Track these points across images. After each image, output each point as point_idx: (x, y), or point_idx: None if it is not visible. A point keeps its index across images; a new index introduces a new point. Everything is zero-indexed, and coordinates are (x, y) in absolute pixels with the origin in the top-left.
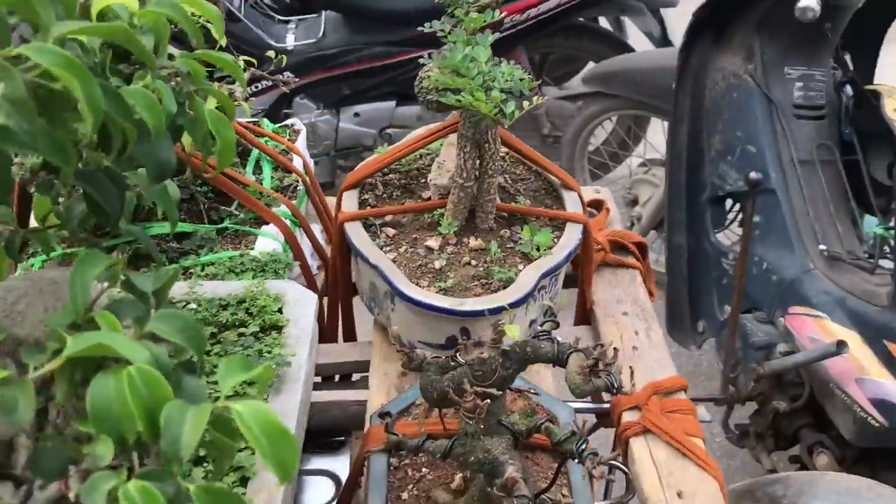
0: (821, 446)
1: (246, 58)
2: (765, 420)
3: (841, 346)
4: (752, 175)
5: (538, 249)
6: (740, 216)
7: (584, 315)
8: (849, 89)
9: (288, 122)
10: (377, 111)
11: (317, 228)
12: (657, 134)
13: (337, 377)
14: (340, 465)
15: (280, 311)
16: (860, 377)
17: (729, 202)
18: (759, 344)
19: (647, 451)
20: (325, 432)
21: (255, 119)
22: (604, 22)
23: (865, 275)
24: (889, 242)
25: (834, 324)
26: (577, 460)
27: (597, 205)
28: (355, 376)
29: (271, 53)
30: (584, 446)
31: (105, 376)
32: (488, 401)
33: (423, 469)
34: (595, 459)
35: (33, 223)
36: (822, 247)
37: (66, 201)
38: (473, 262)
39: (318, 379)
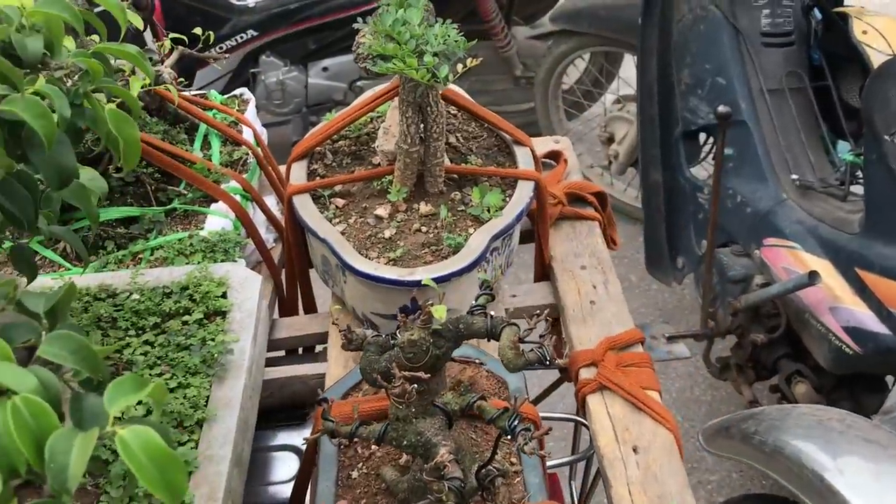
0: (799, 375)
1: (176, 35)
2: (744, 352)
3: (813, 276)
4: (721, 108)
5: (489, 211)
6: (714, 150)
7: (543, 271)
8: (817, 13)
9: (236, 91)
10: (346, 64)
11: (272, 200)
12: (631, 70)
13: (301, 349)
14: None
15: (224, 295)
16: (834, 306)
17: (702, 136)
18: (736, 277)
19: (604, 407)
20: (289, 406)
21: (203, 91)
22: None
23: (837, 202)
24: (861, 168)
25: (807, 254)
26: (509, 436)
27: (555, 156)
28: (318, 347)
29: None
30: (516, 422)
31: None
32: (415, 385)
33: (374, 446)
34: (527, 435)
35: None
36: (794, 176)
37: None
38: (424, 229)
39: (282, 353)
